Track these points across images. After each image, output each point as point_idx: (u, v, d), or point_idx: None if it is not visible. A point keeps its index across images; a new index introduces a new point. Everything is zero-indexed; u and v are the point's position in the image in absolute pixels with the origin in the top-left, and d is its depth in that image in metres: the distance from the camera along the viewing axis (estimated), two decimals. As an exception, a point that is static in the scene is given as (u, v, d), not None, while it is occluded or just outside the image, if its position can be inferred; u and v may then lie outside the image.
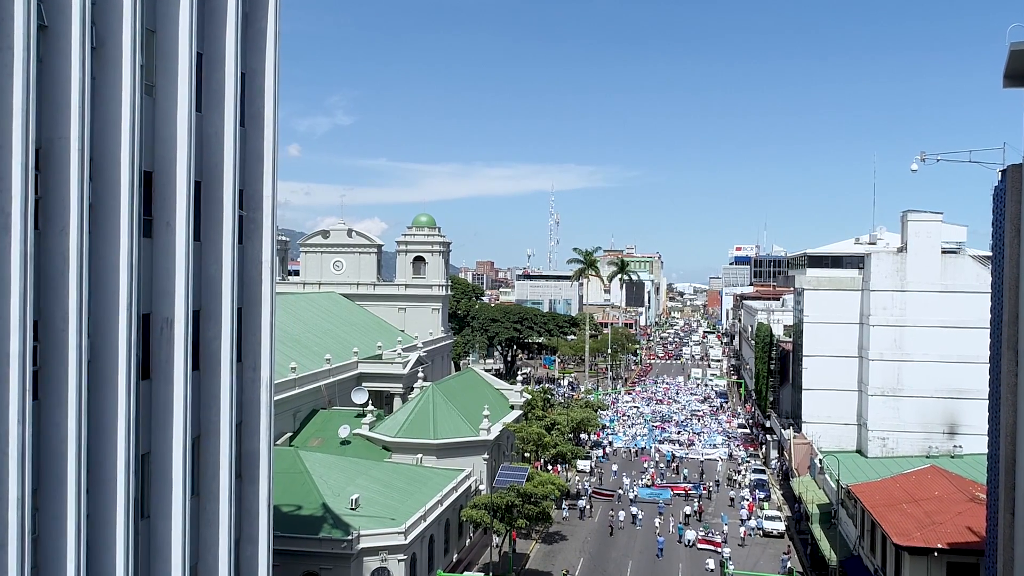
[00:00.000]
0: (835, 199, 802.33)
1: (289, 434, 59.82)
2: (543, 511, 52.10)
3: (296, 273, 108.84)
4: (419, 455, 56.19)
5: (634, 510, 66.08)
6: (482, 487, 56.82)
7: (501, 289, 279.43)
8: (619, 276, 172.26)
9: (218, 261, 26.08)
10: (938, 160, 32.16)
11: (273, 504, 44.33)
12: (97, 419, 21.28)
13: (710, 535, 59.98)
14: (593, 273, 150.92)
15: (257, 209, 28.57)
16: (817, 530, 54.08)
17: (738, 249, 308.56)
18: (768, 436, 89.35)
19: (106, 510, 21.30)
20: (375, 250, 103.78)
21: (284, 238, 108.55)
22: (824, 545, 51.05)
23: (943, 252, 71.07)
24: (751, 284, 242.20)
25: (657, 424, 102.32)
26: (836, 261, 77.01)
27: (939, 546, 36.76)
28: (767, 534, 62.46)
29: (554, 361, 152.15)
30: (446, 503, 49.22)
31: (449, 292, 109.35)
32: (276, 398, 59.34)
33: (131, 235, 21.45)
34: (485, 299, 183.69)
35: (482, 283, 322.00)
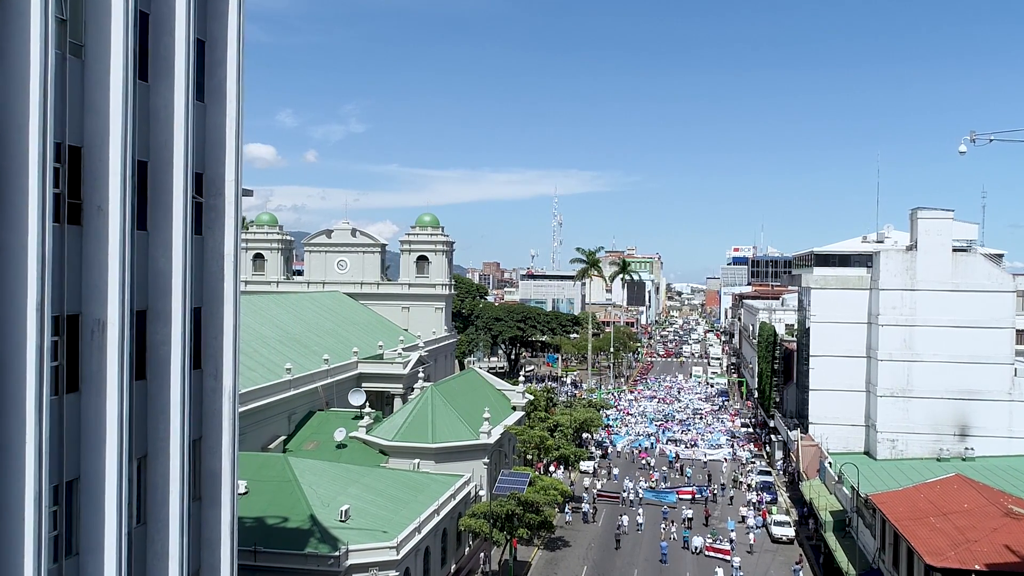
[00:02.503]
0: (830, 201, 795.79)
1: (283, 437, 55.34)
2: (545, 519, 47.55)
3: (300, 273, 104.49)
4: (416, 460, 51.61)
5: (639, 515, 61.50)
6: (482, 493, 52.24)
7: (506, 289, 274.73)
8: (621, 276, 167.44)
9: (168, 254, 21.59)
10: (990, 140, 27.63)
11: (259, 517, 40.16)
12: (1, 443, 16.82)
13: (718, 542, 55.30)
14: (596, 273, 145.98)
15: (218, 195, 24.06)
16: (832, 539, 49.36)
17: (736, 250, 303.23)
18: (772, 436, 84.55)
19: (12, 552, 16.79)
20: (379, 249, 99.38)
21: (289, 237, 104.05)
22: (840, 556, 46.38)
23: (954, 250, 66.42)
24: (749, 284, 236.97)
25: (661, 423, 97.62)
26: (844, 260, 72.40)
27: (977, 568, 32.10)
28: (776, 540, 57.75)
29: (557, 359, 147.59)
30: (443, 512, 44.63)
31: (453, 291, 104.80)
32: (270, 400, 55.06)
33: (42, 220, 16.96)
34: (490, 298, 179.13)
35: (488, 283, 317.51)
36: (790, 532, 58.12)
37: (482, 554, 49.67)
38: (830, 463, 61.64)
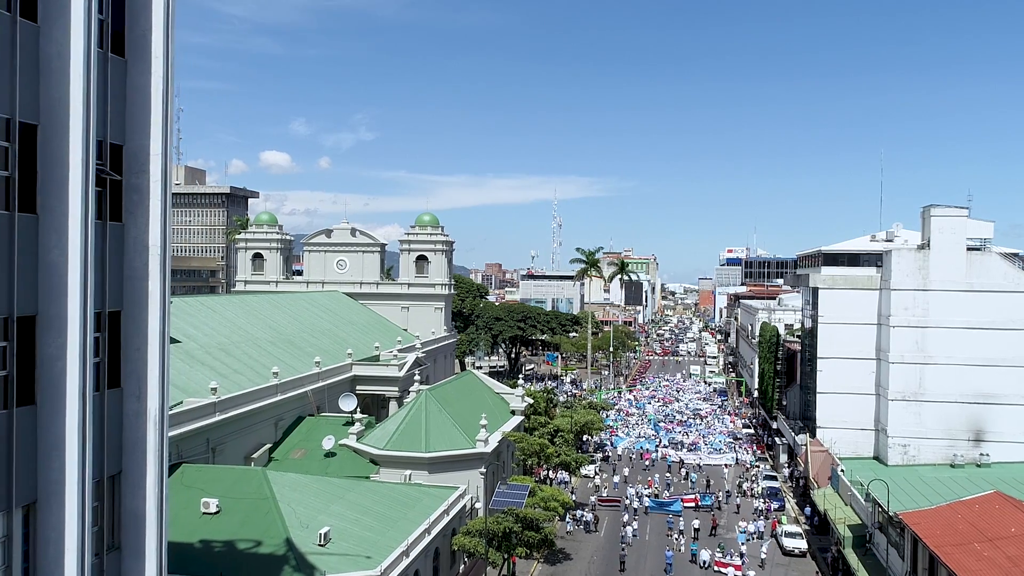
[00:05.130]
0: (821, 204, 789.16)
1: (268, 445, 49.65)
2: (545, 537, 41.90)
3: (300, 273, 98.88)
4: (408, 471, 45.95)
5: (636, 524, 55.73)
6: (478, 505, 46.61)
7: (507, 288, 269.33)
8: (619, 276, 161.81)
9: (63, 243, 15.98)
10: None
11: (229, 540, 34.49)
12: None
13: (728, 556, 49.59)
14: (596, 273, 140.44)
15: (141, 173, 18.44)
16: (853, 557, 43.67)
17: (729, 251, 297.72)
18: (776, 439, 78.79)
19: None
20: (378, 249, 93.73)
21: (289, 237, 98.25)
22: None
23: (968, 249, 60.80)
24: (743, 284, 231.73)
25: (662, 424, 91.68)
26: (853, 259, 66.53)
27: (1044, 611, 26.49)
28: (787, 553, 51.99)
29: (557, 358, 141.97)
30: (435, 531, 38.94)
31: (452, 291, 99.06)
32: (255, 406, 48.86)
33: None
34: (491, 298, 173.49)
35: (491, 284, 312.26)
36: (802, 544, 52.37)
37: (490, 566, 43.90)
38: (842, 470, 55.98)
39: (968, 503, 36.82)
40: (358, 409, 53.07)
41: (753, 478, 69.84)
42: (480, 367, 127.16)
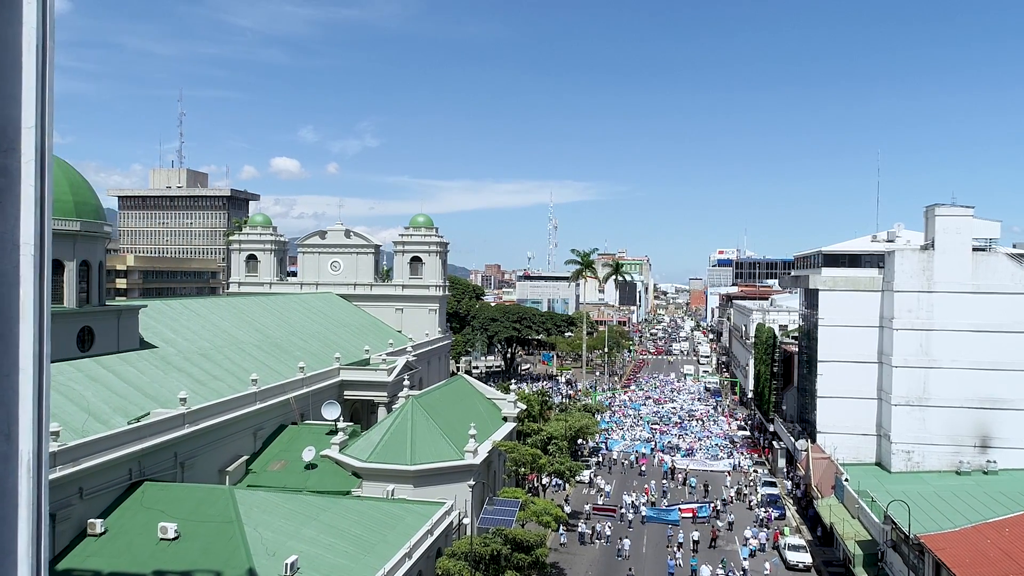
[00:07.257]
0: (809, 207, 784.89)
1: (246, 457, 44.93)
2: (537, 559, 37.25)
3: (294, 274, 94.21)
4: (392, 485, 41.31)
5: (628, 534, 51.11)
6: (466, 520, 41.97)
7: (504, 289, 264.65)
8: (614, 277, 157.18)
9: None
10: None
11: (186, 571, 29.83)
12: None
13: (730, 571, 44.95)
14: (591, 274, 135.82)
15: (10, 152, 13.64)
16: (864, 578, 39.06)
17: (720, 253, 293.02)
18: (774, 442, 74.16)
19: None
20: (373, 250, 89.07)
21: (283, 238, 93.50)
22: (878, 602, 36.14)
23: (974, 250, 56.28)
24: (734, 284, 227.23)
25: (657, 427, 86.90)
26: (854, 260, 61.95)
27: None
28: (791, 567, 47.36)
29: (553, 358, 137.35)
30: (416, 554, 34.35)
31: (447, 292, 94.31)
32: (229, 416, 44.14)
33: None
34: (489, 298, 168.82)
35: (490, 284, 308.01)
36: (807, 558, 47.70)
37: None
38: (847, 479, 51.40)
39: (996, 526, 32.28)
40: (341, 417, 48.44)
41: (751, 484, 65.15)
42: (476, 367, 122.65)
